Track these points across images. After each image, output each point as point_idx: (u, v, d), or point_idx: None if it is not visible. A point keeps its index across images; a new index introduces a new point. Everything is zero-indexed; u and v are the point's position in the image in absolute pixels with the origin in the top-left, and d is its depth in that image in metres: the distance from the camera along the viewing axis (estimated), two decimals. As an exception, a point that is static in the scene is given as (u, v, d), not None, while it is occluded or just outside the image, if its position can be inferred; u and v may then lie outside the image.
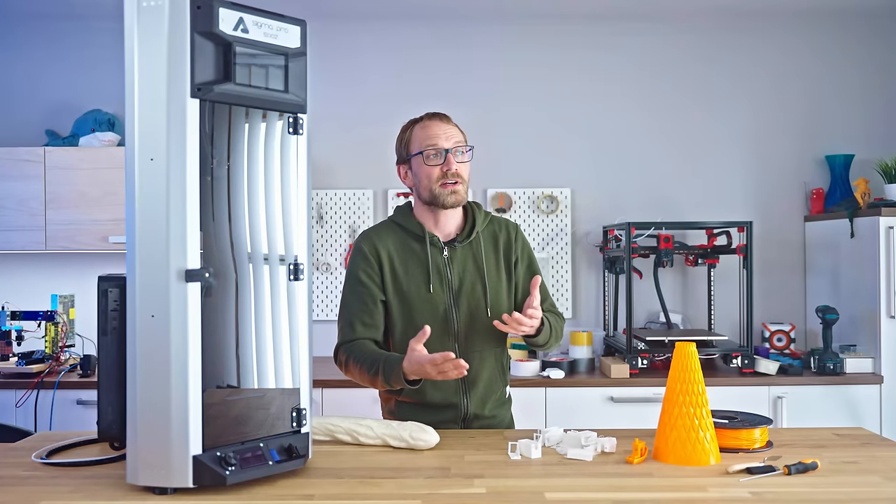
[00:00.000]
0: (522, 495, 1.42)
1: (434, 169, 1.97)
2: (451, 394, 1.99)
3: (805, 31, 3.85)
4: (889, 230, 3.25)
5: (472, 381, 2.00)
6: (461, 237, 2.02)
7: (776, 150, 3.84)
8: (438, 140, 1.97)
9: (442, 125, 2.00)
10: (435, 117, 2.02)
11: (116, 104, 3.77)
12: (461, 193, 1.98)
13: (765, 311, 3.77)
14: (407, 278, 1.99)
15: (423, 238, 2.01)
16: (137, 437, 1.42)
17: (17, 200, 3.45)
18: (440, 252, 2.01)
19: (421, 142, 1.99)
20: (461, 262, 2.01)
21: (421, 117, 2.04)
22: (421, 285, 1.98)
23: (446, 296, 1.99)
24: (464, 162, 1.99)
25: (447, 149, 1.96)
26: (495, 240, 2.06)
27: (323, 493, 1.44)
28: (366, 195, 3.81)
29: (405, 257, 2.01)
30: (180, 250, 1.40)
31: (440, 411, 1.99)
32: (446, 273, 2.00)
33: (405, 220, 2.04)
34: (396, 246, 2.02)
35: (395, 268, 2.00)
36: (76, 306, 3.47)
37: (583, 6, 3.72)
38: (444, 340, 1.98)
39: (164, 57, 1.39)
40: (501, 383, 2.06)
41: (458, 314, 1.99)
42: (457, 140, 1.99)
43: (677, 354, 1.66)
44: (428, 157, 1.97)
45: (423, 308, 1.98)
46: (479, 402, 2.01)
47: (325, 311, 3.81)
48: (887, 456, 1.68)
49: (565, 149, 3.84)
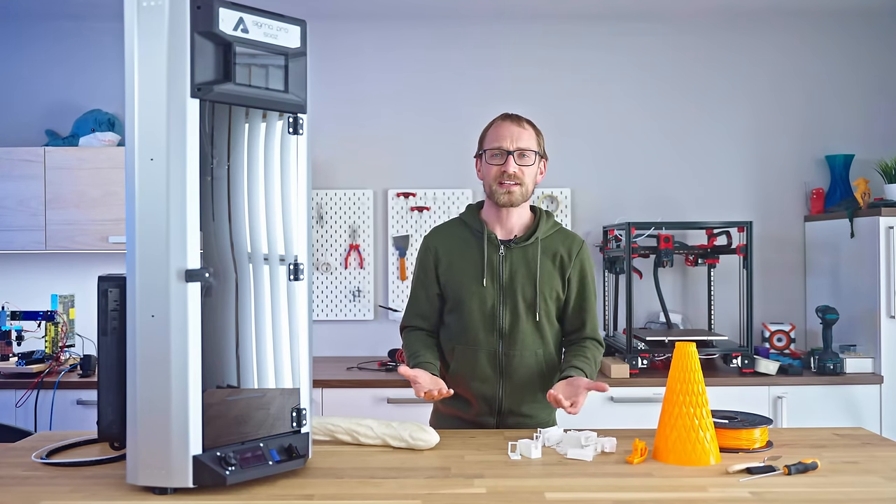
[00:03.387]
0: (522, 495, 1.42)
1: (494, 168, 2.05)
2: (488, 387, 2.07)
3: (805, 31, 3.85)
4: (889, 230, 3.25)
5: (508, 377, 2.06)
6: (520, 239, 2.07)
7: (776, 150, 3.84)
8: (504, 141, 2.04)
9: (511, 127, 2.06)
10: (507, 119, 2.08)
11: (116, 104, 3.77)
12: (516, 195, 2.04)
13: (765, 311, 3.77)
14: (461, 271, 2.09)
15: (482, 235, 2.08)
16: (137, 437, 1.42)
17: (17, 200, 3.45)
18: (496, 249, 2.07)
19: (490, 140, 2.08)
20: (515, 262, 2.06)
21: (499, 116, 2.11)
22: (473, 279, 2.06)
23: (496, 292, 2.05)
24: (525, 166, 2.04)
25: (510, 151, 2.02)
26: (555, 249, 2.09)
27: (323, 493, 1.44)
28: (366, 195, 3.81)
29: (463, 252, 2.10)
30: (180, 250, 1.40)
31: (477, 402, 2.08)
32: (499, 270, 2.06)
33: (470, 217, 2.14)
34: (456, 242, 2.12)
35: (451, 262, 2.11)
36: (76, 306, 3.47)
37: (583, 6, 3.72)
38: (489, 335, 2.06)
39: (164, 57, 1.39)
40: (540, 385, 2.08)
41: (504, 311, 2.05)
42: (521, 145, 2.04)
43: (677, 354, 1.66)
44: (492, 156, 2.06)
45: (472, 301, 2.06)
46: (515, 399, 2.07)
47: (325, 311, 3.81)
48: (887, 456, 1.68)
49: (565, 149, 3.83)
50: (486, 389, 2.07)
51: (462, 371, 2.09)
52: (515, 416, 2.08)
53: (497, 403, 2.07)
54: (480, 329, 2.06)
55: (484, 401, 2.08)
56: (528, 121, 2.10)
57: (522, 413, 2.09)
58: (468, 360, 2.07)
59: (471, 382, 2.07)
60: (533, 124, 2.10)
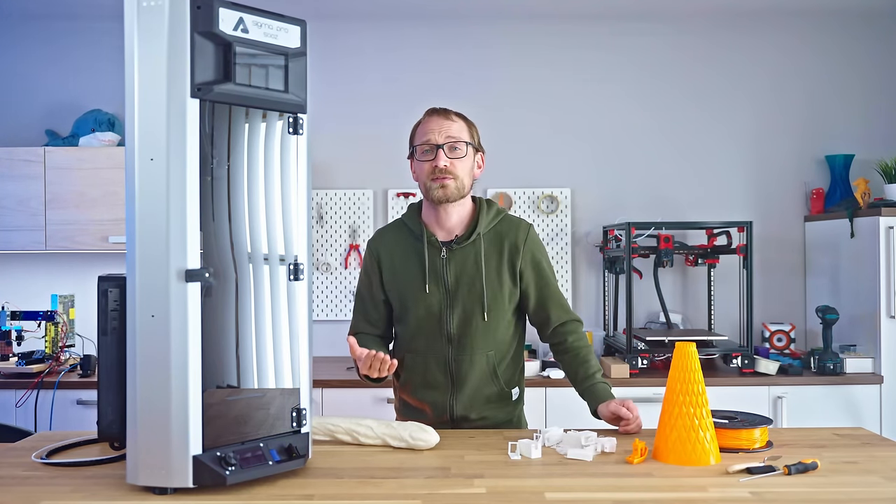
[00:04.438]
0: (522, 495, 1.42)
1: (426, 164, 1.98)
2: (440, 394, 2.02)
3: (805, 31, 3.85)
4: (889, 230, 3.25)
5: (460, 383, 2.01)
6: (461, 239, 2.01)
7: (776, 150, 3.84)
8: (432, 135, 1.97)
9: (439, 121, 1.99)
10: (434, 113, 2.01)
11: (116, 104, 3.77)
12: (450, 189, 1.96)
13: (765, 311, 3.77)
14: (405, 277, 2.02)
15: (422, 238, 2.01)
16: (137, 437, 1.42)
17: (17, 200, 3.45)
18: (438, 252, 2.00)
19: (418, 138, 2.01)
20: (459, 264, 2.00)
21: (424, 112, 2.04)
22: (417, 285, 2.00)
23: (441, 296, 1.99)
24: (457, 158, 1.97)
25: (439, 144, 1.96)
26: (500, 242, 2.02)
27: (323, 493, 1.44)
28: (366, 195, 3.81)
29: (406, 256, 2.03)
30: (180, 250, 1.40)
31: (429, 410, 2.03)
32: (443, 274, 2.00)
33: (410, 219, 2.07)
34: (398, 245, 2.05)
35: (394, 267, 2.03)
36: (76, 306, 3.47)
37: (583, 6, 3.72)
38: (437, 341, 2.01)
39: (164, 57, 1.39)
40: (494, 386, 2.04)
41: (451, 315, 1.99)
42: (450, 135, 1.97)
43: (677, 354, 1.66)
44: (422, 153, 1.99)
45: (417, 307, 2.00)
46: (467, 404, 2.02)
47: (325, 311, 3.81)
48: (887, 456, 1.68)
49: (565, 149, 3.84)
50: (438, 397, 2.02)
51: (413, 379, 2.04)
52: (471, 421, 2.03)
53: (449, 410, 2.02)
54: (428, 336, 2.00)
55: (436, 408, 2.02)
56: (456, 113, 2.02)
57: (478, 417, 2.03)
58: (418, 368, 2.03)
59: (422, 391, 2.03)
60: (463, 116, 2.03)
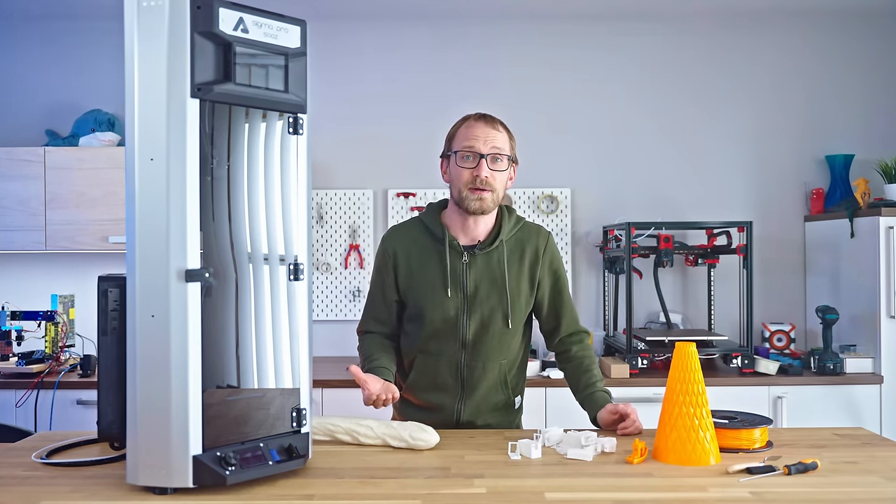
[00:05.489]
0: (522, 495, 1.42)
1: (465, 171, 1.92)
2: (448, 398, 2.01)
3: (805, 31, 3.85)
4: (889, 230, 3.25)
5: (470, 389, 2.00)
6: (484, 244, 1.98)
7: (776, 150, 3.84)
8: (476, 143, 1.91)
9: (485, 128, 1.93)
10: (481, 119, 1.95)
11: (116, 104, 3.77)
12: (487, 202, 1.92)
13: (765, 311, 3.77)
14: (423, 280, 1.98)
15: (444, 241, 1.98)
16: (137, 437, 1.42)
17: (17, 200, 3.45)
18: (459, 257, 1.97)
19: (461, 141, 1.94)
20: (480, 270, 1.97)
21: (470, 115, 1.98)
22: (437, 289, 1.96)
23: (459, 302, 1.96)
24: (497, 170, 1.92)
25: (483, 153, 1.91)
26: (522, 249, 2.00)
27: (323, 493, 1.44)
28: (366, 195, 3.81)
29: (424, 258, 1.99)
30: (180, 250, 1.40)
31: (435, 412, 2.01)
32: (462, 279, 1.96)
33: (431, 220, 2.02)
34: (416, 245, 2.01)
35: (411, 268, 1.99)
36: (76, 306, 3.47)
37: (583, 6, 3.72)
38: (450, 345, 1.98)
39: (164, 57, 1.39)
40: (503, 394, 2.04)
41: (468, 322, 1.97)
42: (495, 146, 1.92)
43: (677, 354, 1.66)
44: (463, 158, 1.93)
45: (434, 311, 1.96)
46: (474, 410, 2.02)
47: (325, 311, 3.81)
48: (887, 456, 1.68)
49: (565, 149, 3.84)
50: (446, 400, 2.01)
51: (422, 380, 2.02)
52: (475, 427, 2.01)
53: (456, 414, 2.01)
54: (442, 339, 1.97)
55: (443, 411, 2.01)
56: (501, 122, 1.97)
57: (482, 423, 2.02)
58: (428, 370, 2.00)
59: (430, 393, 2.01)
60: (506, 126, 1.98)
